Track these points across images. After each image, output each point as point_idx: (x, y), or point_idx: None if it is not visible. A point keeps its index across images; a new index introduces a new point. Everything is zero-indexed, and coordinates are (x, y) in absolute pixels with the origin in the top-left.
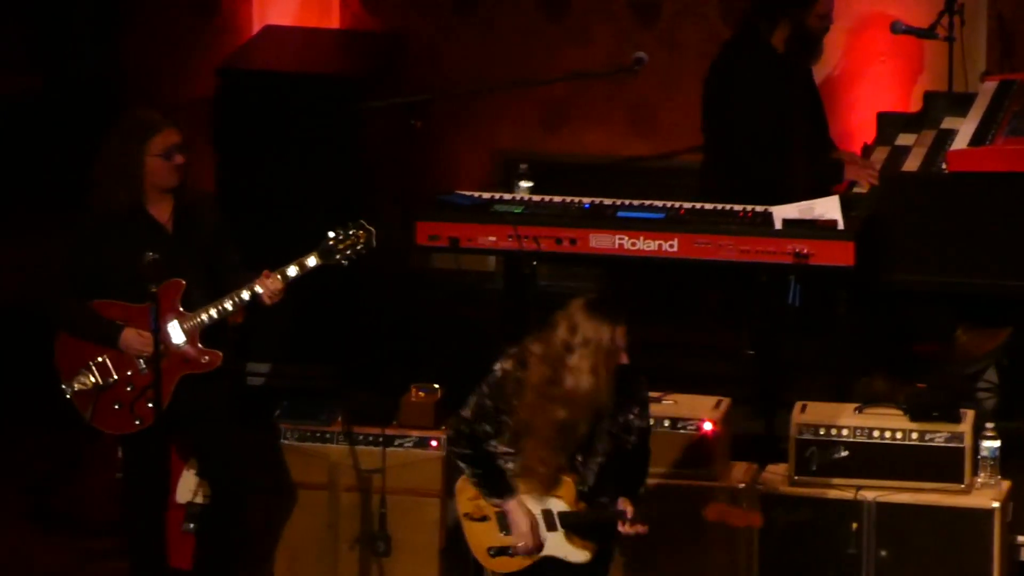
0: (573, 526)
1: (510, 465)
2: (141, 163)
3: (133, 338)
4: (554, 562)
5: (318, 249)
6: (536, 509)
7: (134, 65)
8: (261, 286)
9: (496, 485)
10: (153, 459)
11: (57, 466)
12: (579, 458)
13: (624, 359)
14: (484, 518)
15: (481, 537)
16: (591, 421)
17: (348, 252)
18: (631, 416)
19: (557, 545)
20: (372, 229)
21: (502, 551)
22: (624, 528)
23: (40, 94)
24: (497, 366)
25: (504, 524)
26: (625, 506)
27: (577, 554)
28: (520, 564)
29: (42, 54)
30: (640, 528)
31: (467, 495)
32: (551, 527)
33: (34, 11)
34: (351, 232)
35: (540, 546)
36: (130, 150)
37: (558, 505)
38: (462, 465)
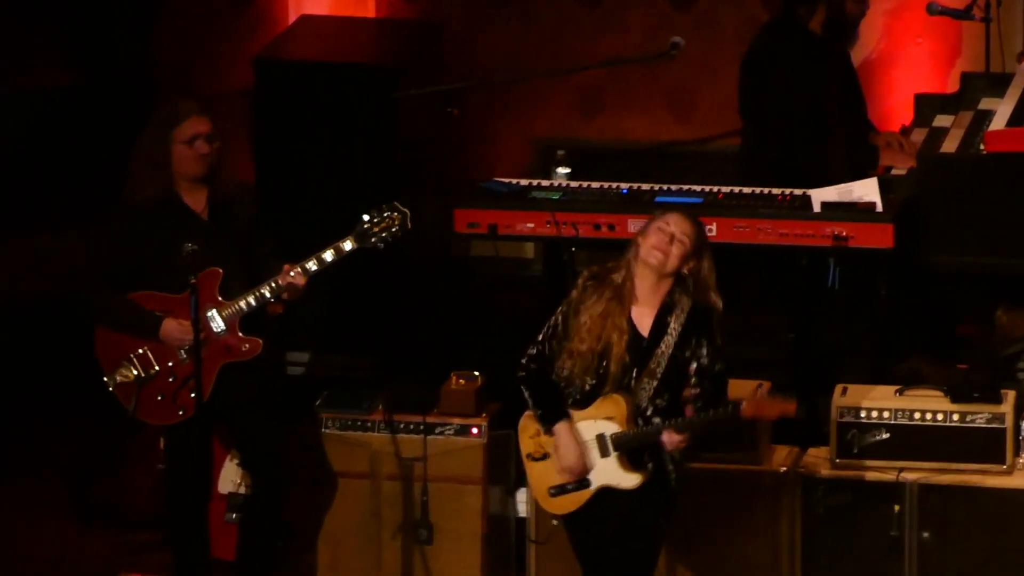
0: (624, 447)
1: (576, 395)
2: (168, 151)
3: (173, 328)
4: (610, 494)
5: (354, 233)
6: (590, 435)
7: (171, 57)
8: (282, 280)
9: (551, 410)
10: (195, 449)
11: (100, 459)
12: (634, 377)
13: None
14: (544, 456)
15: (542, 477)
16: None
17: (383, 235)
18: (699, 351)
19: (610, 472)
20: (406, 211)
21: (561, 489)
22: (666, 436)
23: (78, 87)
24: (574, 291)
25: None
26: (670, 422)
27: (628, 479)
28: (578, 501)
29: (80, 48)
30: (677, 439)
31: (528, 433)
32: (604, 452)
33: (72, 5)
34: (385, 215)
35: (586, 470)
36: (158, 138)
37: (611, 428)
38: (523, 390)
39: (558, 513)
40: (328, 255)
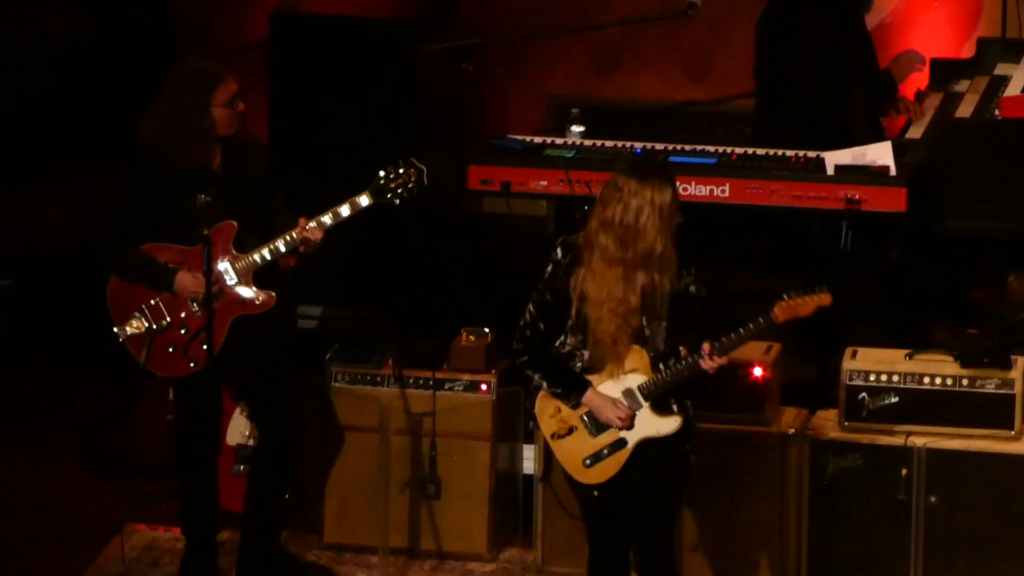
0: (655, 395)
1: (579, 364)
2: (209, 115)
3: (188, 281)
4: (648, 446)
5: (370, 188)
6: (616, 393)
7: (188, 10)
8: (298, 234)
9: (570, 382)
10: (205, 401)
11: (111, 409)
12: (645, 327)
13: (680, 217)
14: (571, 430)
15: (573, 452)
16: (659, 282)
17: (400, 190)
18: (688, 279)
19: (647, 423)
20: (423, 167)
21: (597, 457)
22: (705, 362)
23: (95, 37)
24: (551, 259)
25: (592, 423)
26: (704, 346)
27: (667, 424)
28: (617, 465)
29: None
30: (720, 360)
31: (547, 413)
32: (635, 406)
33: None
34: (402, 170)
35: (632, 415)
36: (199, 104)
37: (636, 380)
38: (531, 373)
39: (596, 482)
40: (344, 209)
